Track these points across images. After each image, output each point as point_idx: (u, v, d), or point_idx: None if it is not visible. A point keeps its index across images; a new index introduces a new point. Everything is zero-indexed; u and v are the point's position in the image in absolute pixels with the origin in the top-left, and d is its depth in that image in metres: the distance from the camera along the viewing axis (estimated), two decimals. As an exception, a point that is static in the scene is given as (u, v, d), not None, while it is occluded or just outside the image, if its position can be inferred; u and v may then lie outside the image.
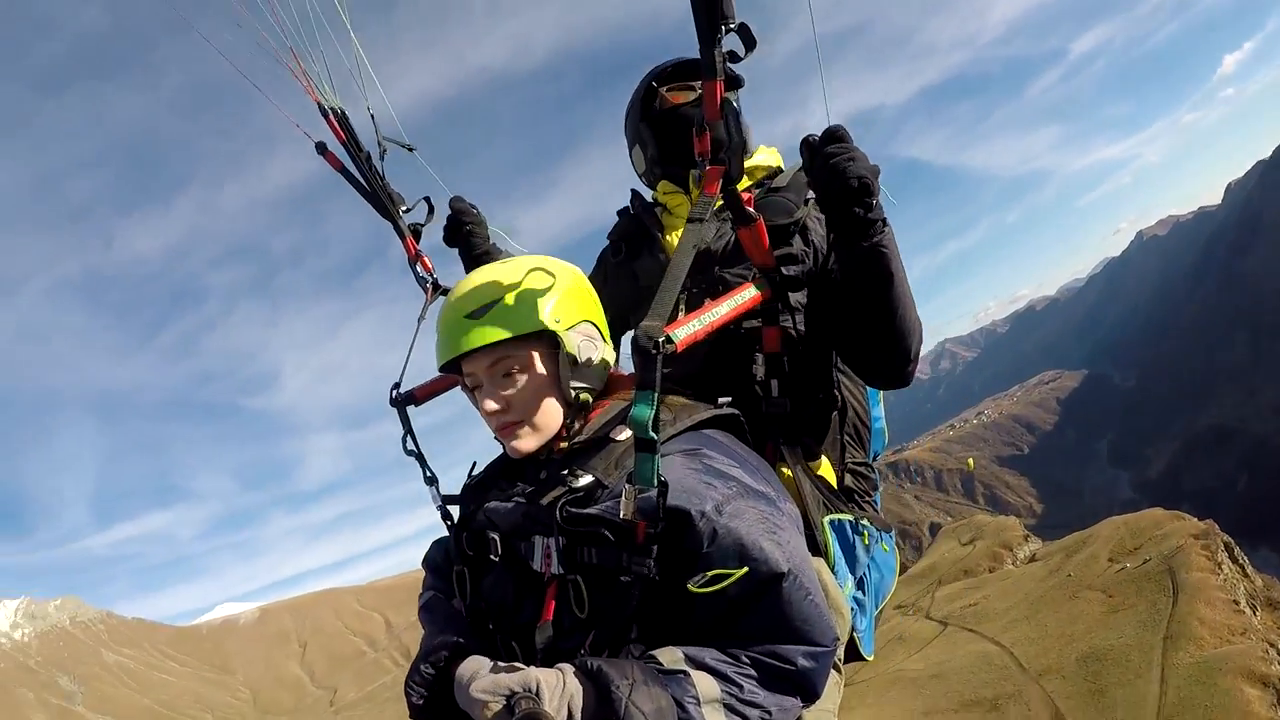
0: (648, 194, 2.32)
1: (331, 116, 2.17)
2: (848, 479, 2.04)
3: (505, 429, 1.58)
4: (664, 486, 1.32)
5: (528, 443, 1.58)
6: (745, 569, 1.32)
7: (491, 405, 1.55)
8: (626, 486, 1.34)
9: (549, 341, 1.57)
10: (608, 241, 2.36)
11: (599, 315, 1.70)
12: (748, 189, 2.01)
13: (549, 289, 1.58)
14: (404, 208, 2.29)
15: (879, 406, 2.23)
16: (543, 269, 1.63)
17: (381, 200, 2.25)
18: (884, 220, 1.68)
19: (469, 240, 2.32)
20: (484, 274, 1.62)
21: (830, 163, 1.58)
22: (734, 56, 1.56)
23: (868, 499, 2.07)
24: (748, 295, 1.69)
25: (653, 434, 1.31)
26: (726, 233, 2.01)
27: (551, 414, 1.58)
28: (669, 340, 1.36)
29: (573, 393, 1.59)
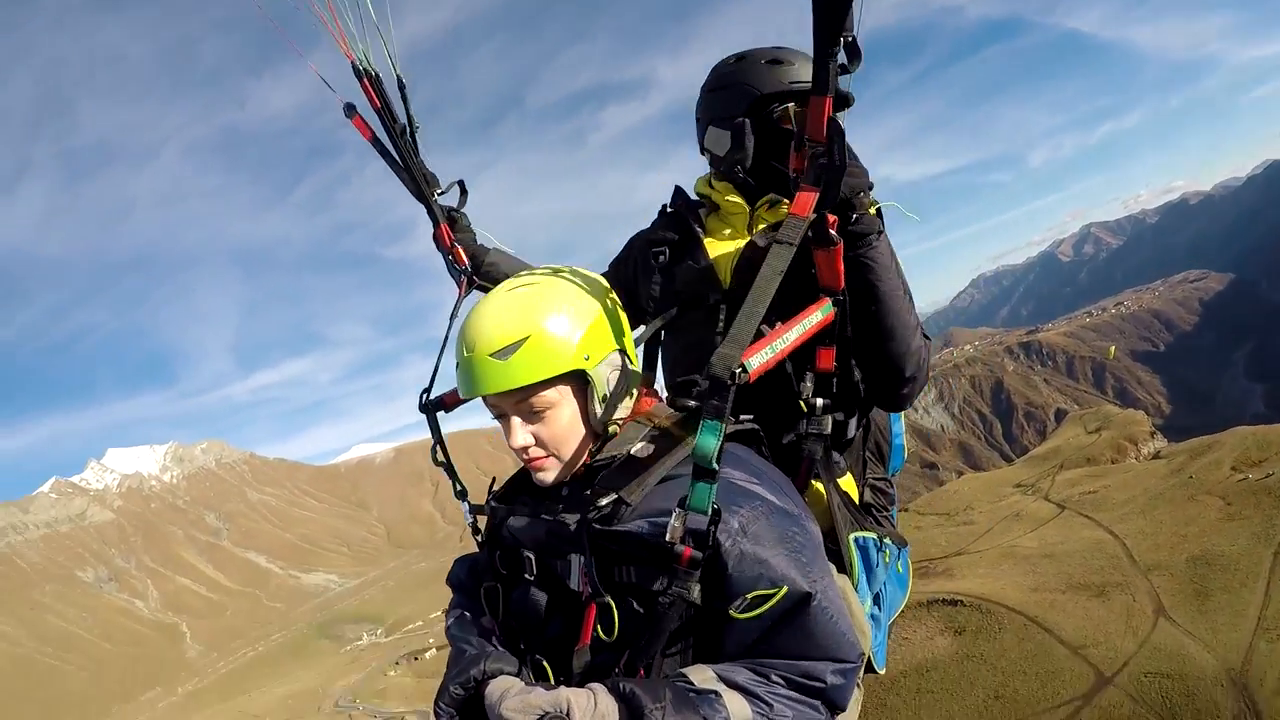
0: (691, 191, 2.22)
1: (366, 79, 2.03)
2: (868, 494, 2.07)
3: (533, 462, 1.56)
4: (716, 515, 1.32)
5: (554, 474, 1.56)
6: (784, 589, 1.32)
7: (520, 441, 1.52)
8: (677, 510, 1.32)
9: (578, 378, 1.53)
10: (644, 239, 2.24)
11: (627, 337, 1.65)
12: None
13: (577, 321, 1.50)
14: (438, 190, 2.17)
15: (900, 423, 2.27)
16: (570, 296, 1.54)
17: (415, 179, 2.13)
18: (875, 233, 1.70)
19: (469, 245, 2.26)
20: (507, 304, 1.52)
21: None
22: (843, 70, 1.48)
23: (885, 514, 2.10)
24: (817, 319, 1.65)
25: (715, 465, 1.30)
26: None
27: (580, 446, 1.56)
28: (744, 370, 1.35)
29: (602, 426, 1.58)
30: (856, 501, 1.99)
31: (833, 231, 1.63)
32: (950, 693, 13.66)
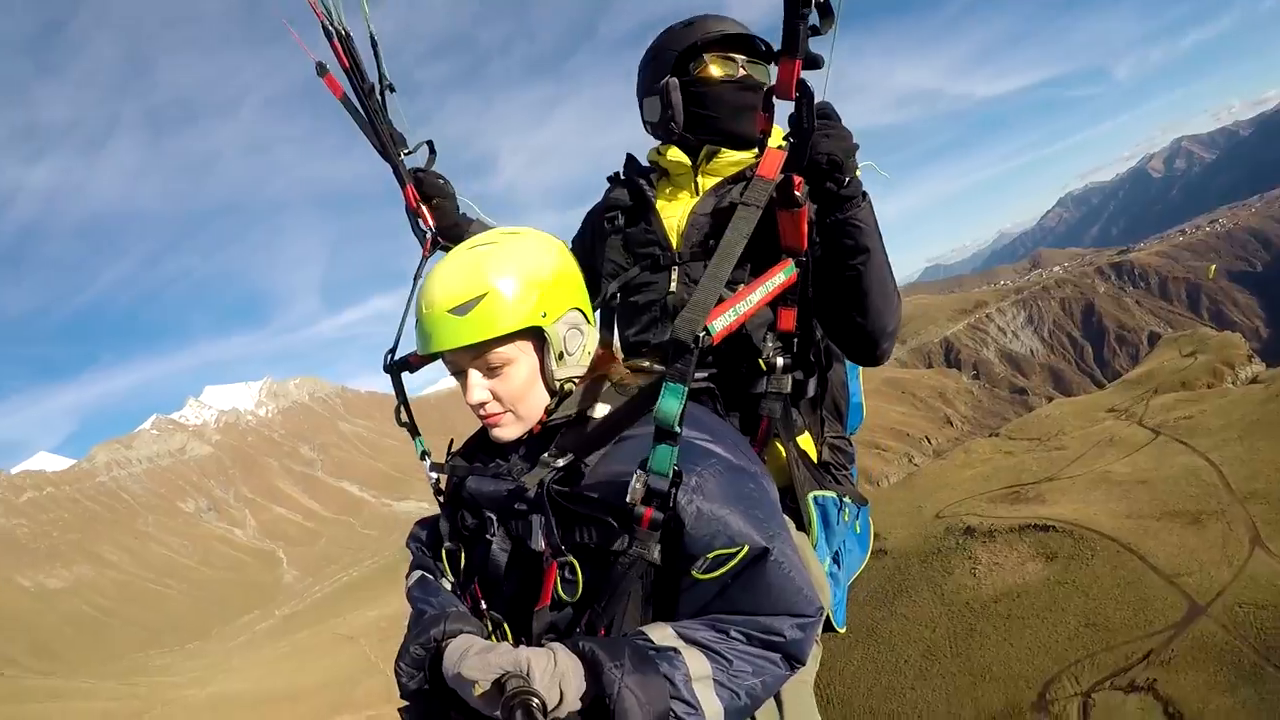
0: (643, 159, 2.24)
1: (336, 39, 2.02)
2: (825, 453, 2.08)
3: (490, 418, 1.58)
4: (678, 477, 1.34)
5: (511, 431, 1.58)
6: (745, 547, 1.34)
7: (477, 397, 1.55)
8: (638, 471, 1.34)
9: (535, 335, 1.54)
10: (599, 209, 2.26)
11: (584, 298, 1.65)
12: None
13: (535, 279, 1.52)
14: (405, 151, 2.16)
15: (857, 381, 2.28)
16: (528, 254, 1.56)
17: (382, 139, 2.11)
18: (860, 195, 1.72)
19: (436, 214, 2.18)
20: (465, 261, 1.54)
21: (815, 144, 1.62)
22: (814, 31, 1.47)
23: (845, 472, 2.11)
24: (779, 280, 1.67)
25: (678, 429, 1.33)
26: (727, 199, 2.01)
27: (537, 403, 1.58)
28: (707, 333, 1.38)
29: (558, 383, 1.59)
30: (815, 460, 2.01)
31: (798, 193, 1.64)
32: (1041, 618, 13.94)
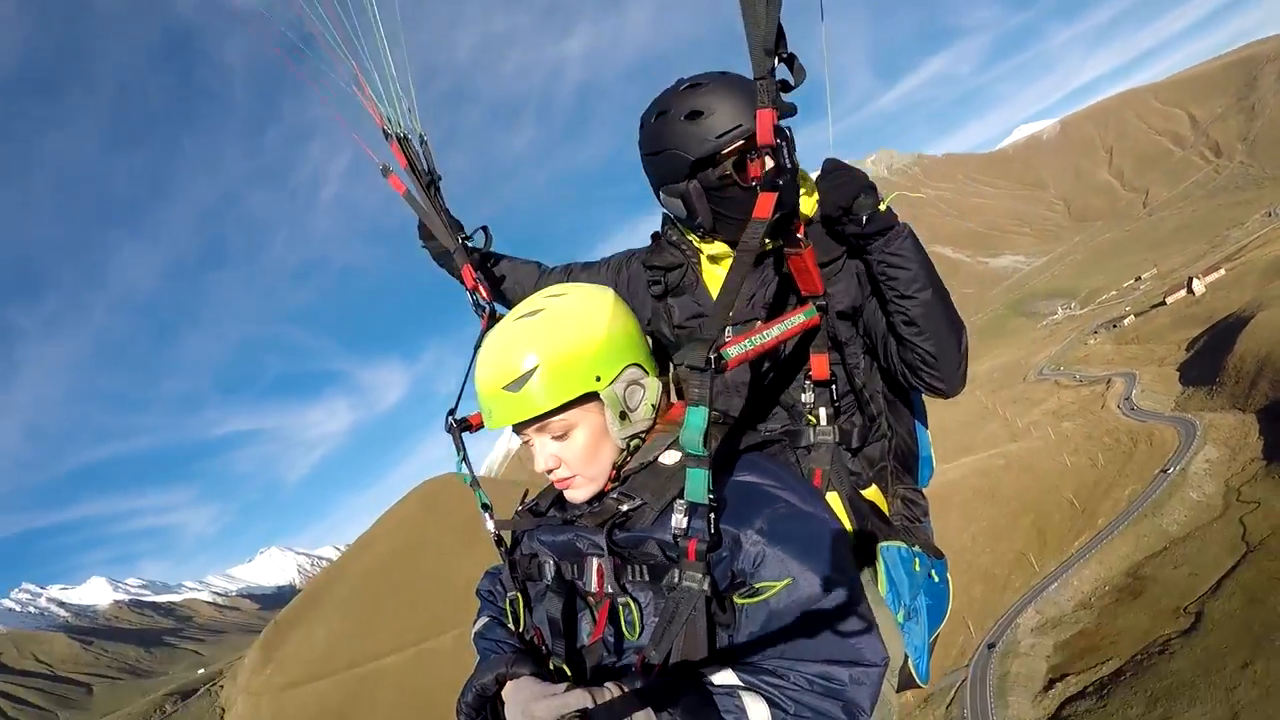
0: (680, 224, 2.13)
1: (395, 141, 2.24)
2: (897, 505, 2.07)
3: (560, 482, 1.58)
4: (714, 503, 1.36)
5: (583, 492, 1.58)
6: (788, 580, 1.34)
7: (542, 465, 1.56)
8: (678, 502, 1.36)
9: (594, 398, 1.52)
10: (641, 264, 2.23)
11: (641, 350, 1.61)
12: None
13: (584, 345, 1.51)
14: (462, 235, 2.30)
15: (926, 435, 2.25)
16: (574, 319, 1.54)
17: (443, 226, 2.26)
18: (890, 228, 1.77)
19: (490, 288, 2.27)
20: (511, 335, 1.54)
21: (822, 198, 1.76)
22: (785, 86, 1.53)
23: (917, 525, 2.08)
24: (799, 320, 1.71)
25: (704, 450, 1.34)
26: (770, 279, 2.01)
27: (604, 463, 1.57)
28: (720, 358, 1.39)
29: (623, 441, 1.57)
30: (886, 513, 2.01)
31: (799, 235, 1.70)
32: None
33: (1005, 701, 45.63)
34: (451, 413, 1.84)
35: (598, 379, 1.51)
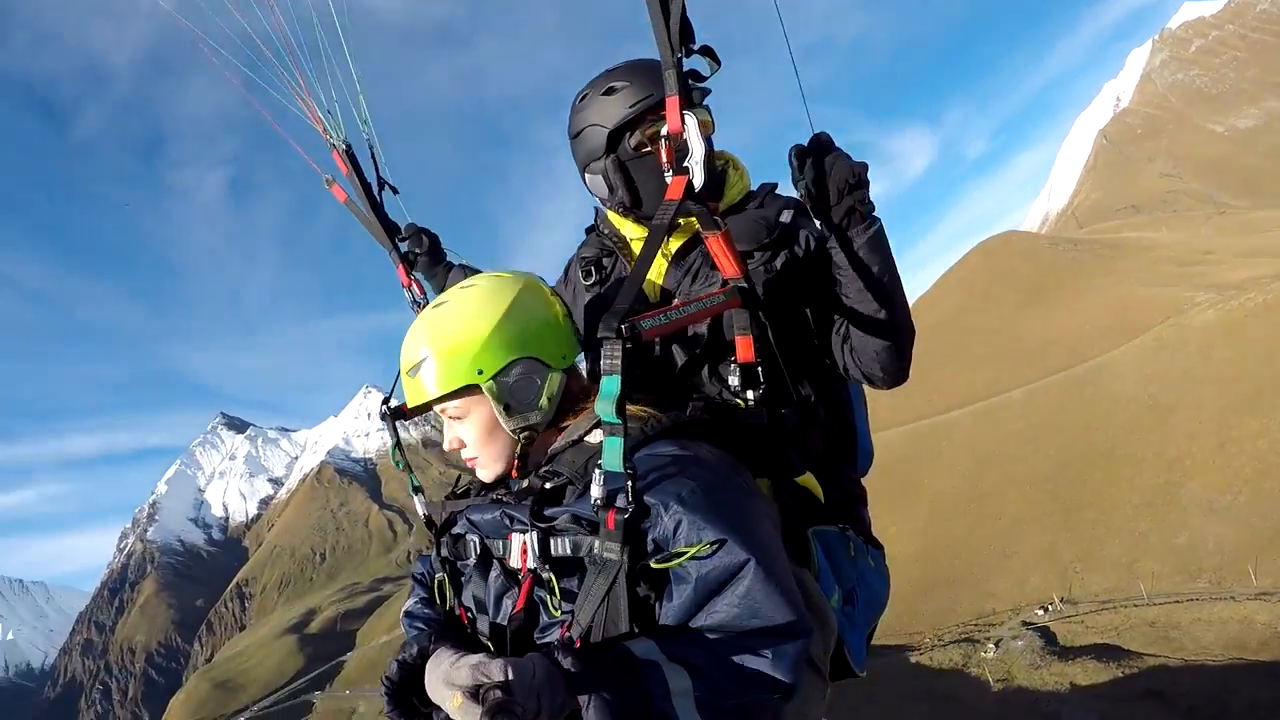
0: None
1: (337, 151, 2.42)
2: (834, 493, 1.98)
3: (467, 461, 1.68)
4: (632, 473, 1.34)
5: (488, 473, 1.66)
6: (704, 545, 1.31)
7: (447, 445, 1.67)
8: (595, 473, 1.36)
9: (479, 390, 1.59)
10: (579, 260, 2.19)
11: (546, 342, 1.65)
12: (725, 210, 2.01)
13: (469, 339, 1.57)
14: (400, 237, 2.51)
15: (865, 423, 2.23)
16: (468, 313, 1.61)
17: (381, 230, 2.48)
18: (873, 220, 1.77)
19: (424, 270, 2.56)
20: (417, 325, 1.65)
21: (820, 169, 1.71)
22: (697, 76, 1.67)
23: (855, 514, 2.05)
24: (719, 299, 1.68)
25: (617, 418, 1.33)
26: (698, 268, 1.98)
27: (503, 449, 1.64)
28: (634, 328, 1.39)
29: (514, 432, 1.62)
30: (821, 499, 1.93)
31: (715, 217, 1.69)
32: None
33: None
34: (386, 400, 1.91)
35: (479, 372, 1.57)
